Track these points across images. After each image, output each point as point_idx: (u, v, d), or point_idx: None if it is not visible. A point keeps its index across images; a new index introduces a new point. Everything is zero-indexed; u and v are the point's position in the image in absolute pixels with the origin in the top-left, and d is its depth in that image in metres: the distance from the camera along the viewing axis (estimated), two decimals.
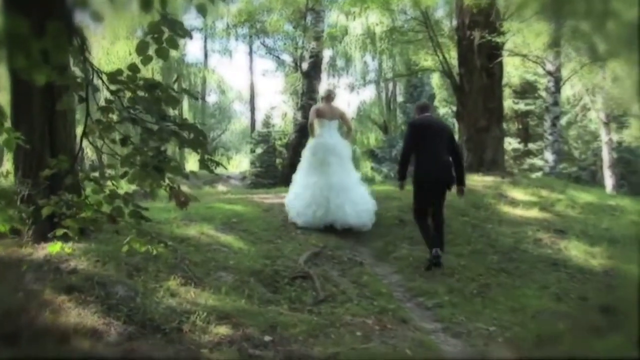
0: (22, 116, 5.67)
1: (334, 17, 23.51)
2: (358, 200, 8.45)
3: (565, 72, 18.18)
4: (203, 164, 3.48)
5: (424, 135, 7.46)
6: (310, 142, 8.89)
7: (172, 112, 23.84)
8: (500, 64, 12.78)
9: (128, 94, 3.20)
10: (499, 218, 8.98)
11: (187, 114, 30.21)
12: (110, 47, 21.64)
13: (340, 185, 8.40)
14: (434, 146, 7.37)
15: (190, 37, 3.30)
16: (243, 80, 59.01)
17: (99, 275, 5.09)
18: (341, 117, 8.97)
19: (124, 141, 3.36)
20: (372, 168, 29.93)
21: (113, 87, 3.15)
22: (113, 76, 3.13)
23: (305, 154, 8.85)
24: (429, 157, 7.32)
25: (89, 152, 20.52)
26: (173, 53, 3.28)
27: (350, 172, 8.79)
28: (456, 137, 11.30)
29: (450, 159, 7.42)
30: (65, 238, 4.11)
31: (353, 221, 8.29)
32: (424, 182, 7.35)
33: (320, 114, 8.72)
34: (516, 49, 14.00)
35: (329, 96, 8.98)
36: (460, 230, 8.24)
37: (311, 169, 8.60)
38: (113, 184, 3.67)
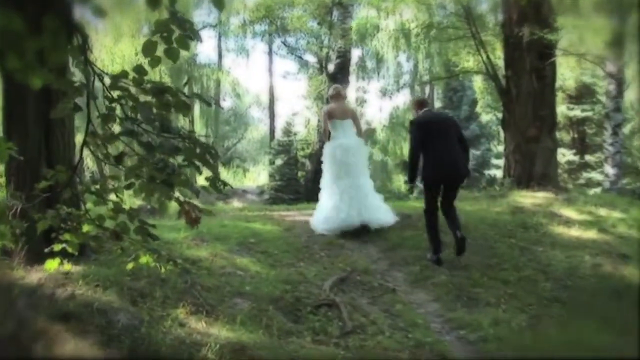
0: (16, 123, 5.75)
1: (363, 12, 23.59)
2: (380, 202, 9.26)
3: (628, 74, 17.98)
4: (212, 184, 3.48)
5: (429, 132, 7.90)
6: (328, 147, 9.30)
7: (181, 120, 24.16)
8: (553, 65, 12.70)
9: (130, 102, 3.21)
10: (551, 240, 8.86)
11: (198, 121, 30.50)
12: (114, 46, 21.92)
13: (366, 186, 9.15)
14: (441, 142, 7.84)
15: (200, 40, 3.32)
16: (261, 83, 59.43)
17: (99, 301, 5.10)
18: (352, 116, 9.28)
19: (119, 158, 3.37)
20: (405, 182, 29.80)
21: (115, 93, 3.16)
22: (117, 79, 3.15)
23: (326, 161, 9.26)
24: (438, 155, 7.78)
25: (89, 163, 20.78)
26: (183, 53, 3.28)
27: (367, 176, 9.45)
28: (501, 147, 11.42)
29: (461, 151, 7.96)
30: (63, 255, 4.12)
31: (385, 218, 9.01)
32: (434, 182, 7.87)
33: (332, 115, 9.26)
34: (571, 48, 13.85)
35: (339, 95, 9.42)
36: (506, 254, 8.14)
37: (335, 174, 9.05)
38: (117, 196, 3.69)
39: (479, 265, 7.67)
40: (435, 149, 7.82)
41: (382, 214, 9.08)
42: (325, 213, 8.87)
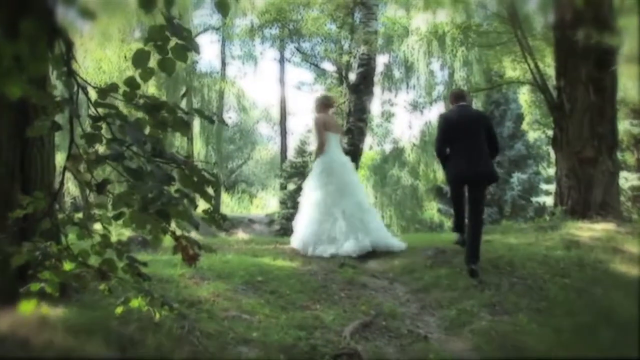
0: None
1: (390, 13, 23.69)
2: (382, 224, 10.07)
3: None
4: (211, 217, 3.48)
5: (456, 128, 8.65)
6: (322, 162, 9.81)
7: (177, 137, 24.19)
8: (614, 74, 12.65)
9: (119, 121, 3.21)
10: (613, 281, 8.77)
11: (197, 139, 30.59)
12: (101, 52, 22.07)
13: (365, 203, 9.92)
14: (467, 141, 8.53)
15: (198, 52, 3.33)
16: (271, 95, 59.64)
17: (82, 350, 5.11)
18: (341, 131, 9.76)
19: (102, 187, 3.37)
20: (439, 210, 29.77)
21: (101, 111, 3.17)
22: (104, 93, 3.16)
23: (320, 178, 9.76)
24: (461, 154, 8.50)
25: (71, 188, 20.89)
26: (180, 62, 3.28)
27: (364, 194, 10.46)
28: (552, 171, 11.55)
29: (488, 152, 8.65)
30: (41, 295, 4.11)
31: (392, 241, 9.67)
32: (455, 181, 8.75)
33: (328, 127, 9.78)
34: (636, 54, 13.84)
35: (332, 105, 9.91)
36: (559, 297, 8.06)
37: (334, 193, 9.57)
38: (104, 228, 3.70)
39: (526, 310, 7.60)
40: (460, 147, 8.54)
41: (389, 236, 9.85)
42: (326, 234, 9.35)
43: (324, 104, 10.04)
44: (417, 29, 22.17)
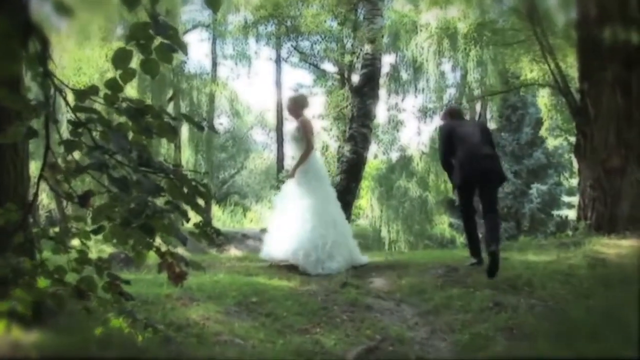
0: None
1: (397, 7, 23.68)
2: None
3: None
4: (202, 231, 3.47)
5: (457, 134, 9.21)
6: (312, 165, 10.24)
7: (164, 145, 24.18)
8: None
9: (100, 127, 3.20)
10: None
11: (186, 147, 30.61)
12: (79, 51, 22.04)
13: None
14: (470, 142, 9.13)
15: (185, 52, 3.33)
16: (267, 98, 59.50)
17: None
18: None
19: (85, 199, 3.37)
20: (450, 225, 29.74)
21: (81, 115, 3.17)
22: (84, 96, 3.16)
23: (311, 182, 10.08)
24: (466, 154, 9.06)
25: (46, 200, 20.87)
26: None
27: None
28: (575, 181, 11.84)
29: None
30: (12, 316, 4.10)
31: (359, 255, 10.42)
32: (464, 182, 9.15)
33: (313, 130, 10.39)
34: None
35: (308, 104, 10.14)
36: (583, 320, 8.05)
37: (324, 200, 10.08)
38: (82, 243, 3.69)
39: (546, 334, 7.60)
40: (463, 149, 9.10)
41: (357, 250, 10.45)
42: (321, 242, 9.63)
43: (303, 104, 10.34)
44: (427, 25, 22.09)
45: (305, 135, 10.00)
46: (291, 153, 9.88)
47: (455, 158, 9.19)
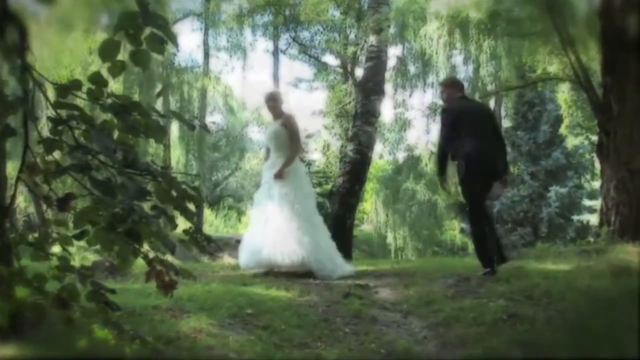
0: None
1: None
2: None
3: None
4: (192, 238, 3.47)
5: (465, 121, 9.30)
6: (299, 165, 10.61)
7: (152, 145, 24.17)
8: None
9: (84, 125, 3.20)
10: None
11: (176, 146, 30.58)
12: (61, 42, 21.99)
13: None
14: (478, 133, 9.24)
15: (175, 44, 3.33)
16: (263, 93, 59.43)
17: None
18: None
19: (65, 203, 3.36)
20: (462, 230, 29.72)
21: (62, 112, 3.16)
22: (65, 91, 3.15)
23: (304, 185, 10.41)
24: (476, 145, 9.14)
25: (23, 203, 20.87)
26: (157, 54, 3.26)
27: None
28: (597, 184, 11.86)
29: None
30: None
31: None
32: (474, 173, 9.19)
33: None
34: None
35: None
36: (605, 334, 8.02)
37: (312, 202, 10.46)
38: (64, 249, 3.69)
39: (566, 349, 7.60)
40: (470, 139, 9.18)
41: None
42: (319, 245, 10.02)
43: (282, 100, 10.48)
44: (437, 14, 21.96)
45: (295, 134, 10.09)
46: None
47: (459, 146, 9.25)
